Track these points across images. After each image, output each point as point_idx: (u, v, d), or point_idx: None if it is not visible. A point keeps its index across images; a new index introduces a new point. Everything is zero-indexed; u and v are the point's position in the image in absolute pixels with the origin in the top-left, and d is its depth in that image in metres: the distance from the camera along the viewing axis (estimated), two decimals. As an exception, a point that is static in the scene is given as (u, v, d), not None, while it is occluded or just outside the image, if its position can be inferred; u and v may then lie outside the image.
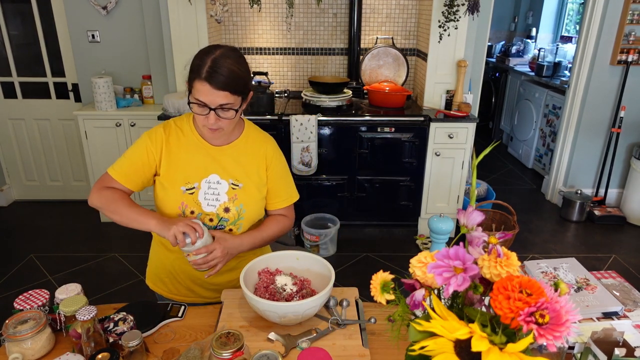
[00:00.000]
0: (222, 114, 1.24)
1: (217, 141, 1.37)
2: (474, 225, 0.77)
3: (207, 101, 1.22)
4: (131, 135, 3.34)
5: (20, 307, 1.15)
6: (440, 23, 3.03)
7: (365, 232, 3.44)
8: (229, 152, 1.38)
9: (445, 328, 0.65)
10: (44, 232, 3.44)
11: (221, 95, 1.21)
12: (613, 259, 3.15)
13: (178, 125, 1.39)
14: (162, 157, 1.35)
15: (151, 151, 1.34)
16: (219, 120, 1.25)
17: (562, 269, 1.37)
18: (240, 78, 1.24)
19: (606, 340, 0.96)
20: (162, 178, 1.35)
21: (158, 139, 1.35)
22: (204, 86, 1.20)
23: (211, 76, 1.19)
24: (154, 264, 1.50)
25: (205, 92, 1.21)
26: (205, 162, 1.36)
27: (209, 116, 1.24)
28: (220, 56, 1.22)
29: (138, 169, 1.34)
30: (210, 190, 1.35)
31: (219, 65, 1.20)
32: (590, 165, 3.82)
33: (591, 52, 3.54)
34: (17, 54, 3.60)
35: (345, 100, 3.24)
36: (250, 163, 1.40)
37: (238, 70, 1.23)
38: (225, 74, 1.20)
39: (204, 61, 1.21)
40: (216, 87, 1.20)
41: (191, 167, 1.35)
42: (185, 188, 1.34)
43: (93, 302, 1.16)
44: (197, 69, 1.21)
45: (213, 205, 1.35)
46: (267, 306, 1.10)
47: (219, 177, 1.36)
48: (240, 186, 1.37)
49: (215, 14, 3.01)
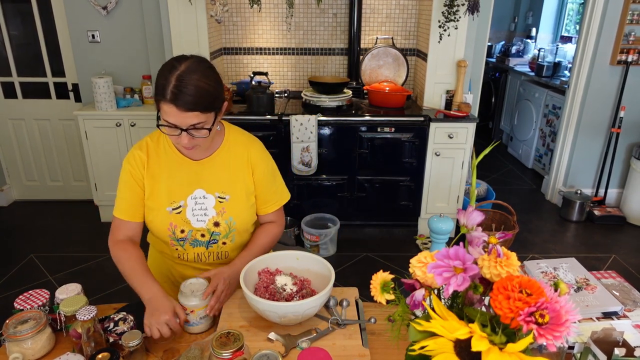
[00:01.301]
0: (195, 133, 1.17)
1: (197, 155, 1.32)
2: (474, 225, 0.77)
3: (176, 122, 1.14)
4: (131, 136, 3.34)
5: (20, 307, 1.15)
6: (440, 23, 3.03)
7: (365, 232, 3.44)
8: (212, 164, 1.33)
9: (445, 328, 0.65)
10: (44, 232, 3.44)
11: (190, 116, 1.13)
12: (613, 259, 3.15)
13: (154, 141, 1.33)
14: (145, 179, 1.31)
15: (136, 176, 1.30)
16: (193, 139, 1.18)
17: (562, 269, 1.37)
18: (210, 94, 1.15)
19: (606, 340, 0.96)
20: (147, 200, 1.32)
21: (137, 162, 1.30)
22: (170, 108, 1.12)
23: (177, 97, 1.10)
24: (154, 265, 1.50)
25: (172, 114, 1.12)
26: (188, 179, 1.31)
27: (181, 137, 1.16)
28: (185, 72, 1.12)
29: (135, 199, 1.31)
30: (197, 206, 1.31)
31: (185, 83, 1.10)
32: (590, 165, 3.82)
33: (591, 52, 3.54)
34: (17, 54, 3.60)
35: (345, 100, 3.24)
36: (235, 172, 1.35)
37: (206, 85, 1.14)
38: (192, 93, 1.11)
39: (168, 80, 1.11)
40: (184, 109, 1.11)
41: (174, 186, 1.31)
42: (171, 208, 1.31)
43: (93, 302, 1.16)
44: (161, 90, 1.12)
45: (202, 221, 1.32)
46: (267, 306, 1.10)
47: (204, 191, 1.32)
48: (227, 199, 1.33)
49: (215, 14, 3.01)
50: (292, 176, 3.14)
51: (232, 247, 1.39)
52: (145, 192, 1.31)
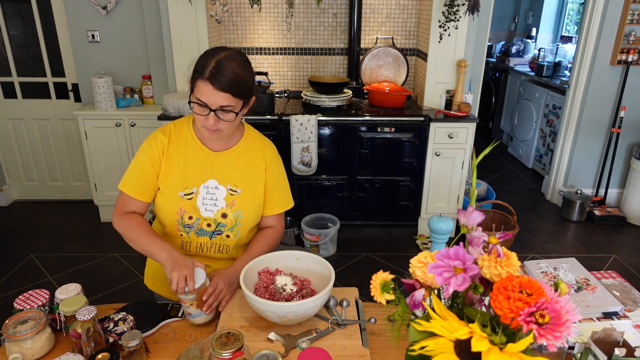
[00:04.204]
0: (222, 115, 1.24)
1: (216, 145, 1.37)
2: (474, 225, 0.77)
3: (208, 101, 1.21)
4: (131, 136, 3.34)
5: (20, 307, 1.15)
6: (440, 23, 3.03)
7: (365, 232, 3.44)
8: (228, 157, 1.38)
9: (445, 328, 0.65)
10: (44, 232, 3.44)
11: (222, 96, 1.21)
12: (613, 259, 3.15)
13: (177, 128, 1.38)
14: (162, 162, 1.35)
15: (154, 158, 1.34)
16: (218, 122, 1.25)
17: (562, 269, 1.37)
18: (243, 82, 1.24)
19: (606, 340, 0.96)
20: (160, 183, 1.35)
21: (159, 144, 1.35)
22: (206, 86, 1.20)
23: (214, 77, 1.19)
24: (153, 265, 1.51)
25: (206, 92, 1.21)
26: (204, 167, 1.36)
27: (209, 117, 1.23)
28: (225, 58, 1.22)
29: (147, 179, 1.34)
30: (208, 196, 1.35)
31: (223, 67, 1.20)
32: (590, 165, 3.82)
33: (591, 52, 3.54)
34: (17, 54, 3.60)
35: (345, 100, 3.24)
36: (249, 168, 1.40)
37: (242, 73, 1.23)
38: (229, 76, 1.20)
39: (209, 61, 1.21)
40: (218, 88, 1.20)
41: (190, 172, 1.35)
42: (183, 193, 1.34)
43: (93, 302, 1.16)
44: (200, 69, 1.21)
45: (211, 211, 1.35)
46: (267, 306, 1.10)
47: (217, 182, 1.36)
48: (238, 192, 1.37)
49: (216, 14, 3.01)
50: (292, 176, 3.14)
51: (235, 242, 1.41)
52: (160, 174, 1.35)
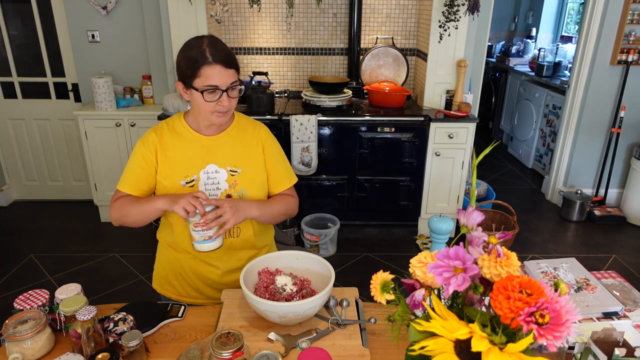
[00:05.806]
0: (231, 93, 1.27)
1: (210, 131, 1.38)
2: (474, 225, 0.77)
3: (219, 83, 1.23)
4: (131, 136, 3.34)
5: (20, 307, 1.15)
6: (440, 23, 3.03)
7: (365, 232, 3.44)
8: (223, 141, 1.40)
9: (445, 328, 0.65)
10: (44, 232, 3.44)
11: (230, 73, 1.25)
12: (613, 259, 3.15)
13: (169, 124, 1.40)
14: (158, 157, 1.36)
15: (147, 157, 1.36)
16: (229, 101, 1.28)
17: (562, 269, 1.37)
18: (235, 57, 1.29)
19: (606, 340, 0.96)
20: (160, 176, 1.37)
21: (150, 143, 1.36)
22: (215, 69, 1.22)
23: (219, 56, 1.22)
24: (161, 267, 1.50)
25: (217, 74, 1.23)
26: (201, 154, 1.37)
27: (222, 99, 1.26)
28: (212, 40, 1.26)
29: (141, 178, 1.36)
30: (209, 180, 1.37)
31: (218, 45, 1.24)
32: (590, 165, 3.82)
33: (591, 52, 3.54)
34: (17, 54, 3.60)
35: (345, 100, 3.24)
36: (246, 147, 1.42)
37: (229, 48, 1.29)
38: (228, 52, 1.25)
39: (202, 48, 1.23)
40: (227, 66, 1.23)
41: (188, 161, 1.37)
42: (184, 182, 1.36)
43: (93, 302, 1.16)
44: (199, 57, 1.22)
45: (215, 195, 1.37)
46: (267, 306, 1.10)
47: (216, 166, 1.37)
48: (239, 172, 1.38)
49: (215, 14, 3.01)
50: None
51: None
52: (158, 169, 1.37)
